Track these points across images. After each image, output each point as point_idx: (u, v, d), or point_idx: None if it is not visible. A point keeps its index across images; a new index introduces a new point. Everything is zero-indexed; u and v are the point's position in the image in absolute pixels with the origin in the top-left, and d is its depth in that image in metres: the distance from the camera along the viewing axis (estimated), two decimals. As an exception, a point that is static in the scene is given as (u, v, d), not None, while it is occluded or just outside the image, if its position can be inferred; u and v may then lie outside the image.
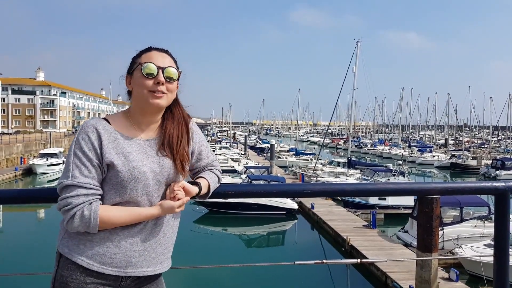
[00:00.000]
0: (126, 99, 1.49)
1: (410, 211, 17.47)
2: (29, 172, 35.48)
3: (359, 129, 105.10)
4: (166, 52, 1.47)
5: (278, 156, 42.72)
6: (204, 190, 1.52)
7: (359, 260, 1.87)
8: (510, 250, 1.80)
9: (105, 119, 1.44)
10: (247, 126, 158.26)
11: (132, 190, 1.37)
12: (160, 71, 1.40)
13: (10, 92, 74.29)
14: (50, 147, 42.82)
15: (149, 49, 1.46)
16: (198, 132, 1.60)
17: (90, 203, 1.32)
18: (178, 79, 1.48)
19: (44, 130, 66.33)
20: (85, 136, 1.37)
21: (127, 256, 1.38)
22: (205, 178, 1.55)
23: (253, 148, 59.01)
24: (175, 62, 1.49)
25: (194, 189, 1.48)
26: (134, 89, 1.43)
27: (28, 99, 75.27)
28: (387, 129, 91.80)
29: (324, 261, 1.72)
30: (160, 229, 1.45)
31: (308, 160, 40.85)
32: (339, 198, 22.83)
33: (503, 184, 1.74)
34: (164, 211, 1.41)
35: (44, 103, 76.46)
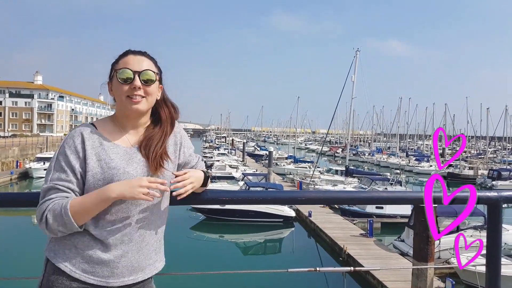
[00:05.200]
0: (113, 104, 1.50)
1: (406, 220, 17.46)
2: (25, 176, 35.31)
3: (357, 137, 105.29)
4: (143, 54, 1.45)
5: (276, 164, 42.67)
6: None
7: (352, 268, 1.88)
8: (502, 259, 1.81)
9: (92, 124, 1.45)
10: (245, 133, 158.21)
11: None
12: (136, 75, 1.39)
13: (7, 95, 74.21)
14: (47, 151, 42.68)
15: (126, 53, 1.44)
16: (185, 137, 1.60)
17: (59, 200, 1.32)
18: (160, 81, 1.48)
19: (41, 134, 66.13)
20: (70, 140, 1.38)
21: (110, 267, 1.37)
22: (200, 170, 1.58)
23: (251, 155, 58.96)
24: (155, 63, 1.47)
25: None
26: (115, 96, 1.44)
27: (25, 102, 75.16)
28: (385, 138, 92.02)
29: (318, 268, 1.72)
30: (143, 239, 1.43)
31: (306, 167, 40.81)
32: (336, 206, 22.80)
33: (495, 193, 1.75)
34: (130, 189, 1.31)
35: (41, 106, 76.34)
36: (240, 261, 16.68)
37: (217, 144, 71.75)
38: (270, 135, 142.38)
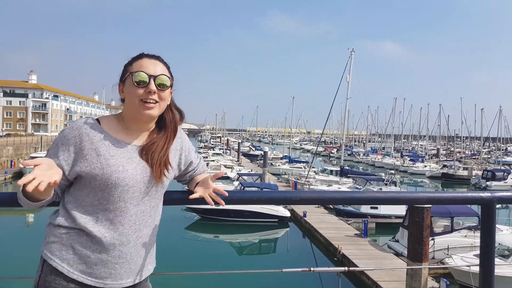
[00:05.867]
0: (120, 104, 1.49)
1: (401, 220, 17.53)
2: (20, 175, 35.01)
3: (352, 138, 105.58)
4: (158, 58, 1.45)
5: (271, 164, 42.71)
6: None
7: (346, 268, 1.88)
8: (496, 259, 1.82)
9: (97, 119, 1.44)
10: (240, 133, 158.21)
11: (110, 195, 1.36)
12: (152, 79, 1.39)
13: (1, 94, 73.67)
14: (41, 151, 42.41)
15: (141, 56, 1.44)
16: (186, 140, 1.60)
17: None
18: (171, 86, 1.47)
19: (35, 133, 65.71)
20: (68, 131, 1.38)
21: (108, 268, 1.37)
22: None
23: (246, 155, 58.94)
24: (168, 68, 1.47)
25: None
26: (126, 98, 1.43)
27: (19, 101, 74.64)
28: (380, 139, 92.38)
29: (312, 268, 1.72)
30: (142, 241, 1.43)
31: (301, 168, 40.88)
32: (331, 206, 22.85)
33: (489, 194, 1.75)
34: None
35: (36, 106, 75.87)
36: (234, 261, 16.67)
37: (212, 144, 71.60)
38: (265, 135, 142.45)
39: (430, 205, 10.97)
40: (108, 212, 1.37)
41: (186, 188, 1.85)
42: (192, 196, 1.54)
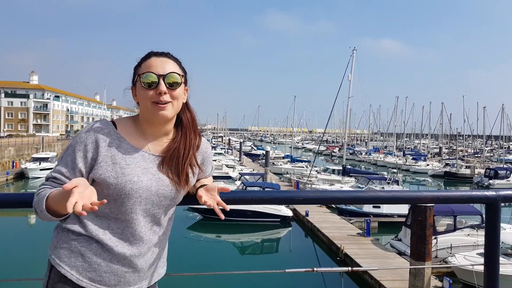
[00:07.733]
0: (135, 107, 1.44)
1: (404, 219, 17.48)
2: (21, 176, 35.16)
3: (354, 137, 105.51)
4: (166, 55, 1.38)
5: (273, 163, 42.71)
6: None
7: (349, 268, 1.87)
8: (500, 259, 1.80)
9: (113, 122, 1.40)
10: (242, 132, 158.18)
11: (122, 205, 1.32)
12: (161, 79, 1.32)
13: (3, 95, 73.82)
14: (43, 151, 42.54)
15: (149, 55, 1.37)
16: (209, 155, 1.55)
17: (49, 188, 1.28)
18: (185, 83, 1.41)
19: (36, 134, 65.84)
20: (84, 136, 1.33)
21: (118, 276, 1.35)
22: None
23: (248, 154, 58.93)
24: (179, 64, 1.40)
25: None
26: (139, 102, 1.38)
27: (21, 102, 74.78)
28: (382, 137, 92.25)
29: (315, 269, 1.71)
30: (152, 251, 1.42)
31: (303, 167, 40.86)
32: (333, 205, 22.84)
33: (493, 193, 1.73)
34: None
35: (37, 106, 76.01)
36: (237, 261, 16.65)
37: (214, 144, 71.54)
38: (267, 134, 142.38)
39: (433, 204, 10.94)
40: (119, 222, 1.34)
41: None
42: (202, 201, 1.45)
